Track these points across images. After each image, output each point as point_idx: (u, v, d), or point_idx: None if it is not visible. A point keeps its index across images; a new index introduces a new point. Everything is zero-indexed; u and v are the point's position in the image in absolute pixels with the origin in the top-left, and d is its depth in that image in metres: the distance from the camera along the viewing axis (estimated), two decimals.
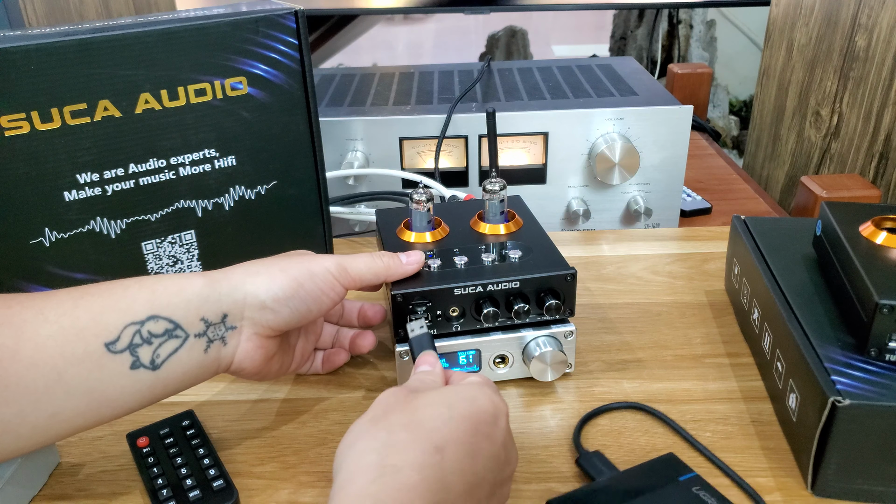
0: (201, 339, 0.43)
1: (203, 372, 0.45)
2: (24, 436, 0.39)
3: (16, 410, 0.39)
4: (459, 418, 0.37)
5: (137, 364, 0.41)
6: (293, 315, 0.46)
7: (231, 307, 0.44)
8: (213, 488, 0.45)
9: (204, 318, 0.43)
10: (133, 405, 0.43)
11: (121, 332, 0.41)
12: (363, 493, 0.33)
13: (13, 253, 0.56)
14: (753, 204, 0.89)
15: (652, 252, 0.74)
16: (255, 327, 0.45)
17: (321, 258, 0.48)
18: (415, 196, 0.57)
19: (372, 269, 0.50)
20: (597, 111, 0.77)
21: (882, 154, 0.79)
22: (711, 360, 0.58)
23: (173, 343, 0.42)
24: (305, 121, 0.65)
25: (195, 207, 0.63)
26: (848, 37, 0.84)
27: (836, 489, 0.44)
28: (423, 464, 0.35)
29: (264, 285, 0.45)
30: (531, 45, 1.90)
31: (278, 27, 0.61)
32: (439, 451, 0.35)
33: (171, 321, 0.42)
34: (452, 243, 0.57)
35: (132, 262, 0.61)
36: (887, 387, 0.43)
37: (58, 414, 0.40)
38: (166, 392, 0.44)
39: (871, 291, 0.45)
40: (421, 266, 0.53)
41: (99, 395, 0.41)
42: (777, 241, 0.60)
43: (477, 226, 0.60)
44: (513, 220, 0.60)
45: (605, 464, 0.47)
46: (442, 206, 0.65)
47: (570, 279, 0.53)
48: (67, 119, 0.55)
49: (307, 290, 0.46)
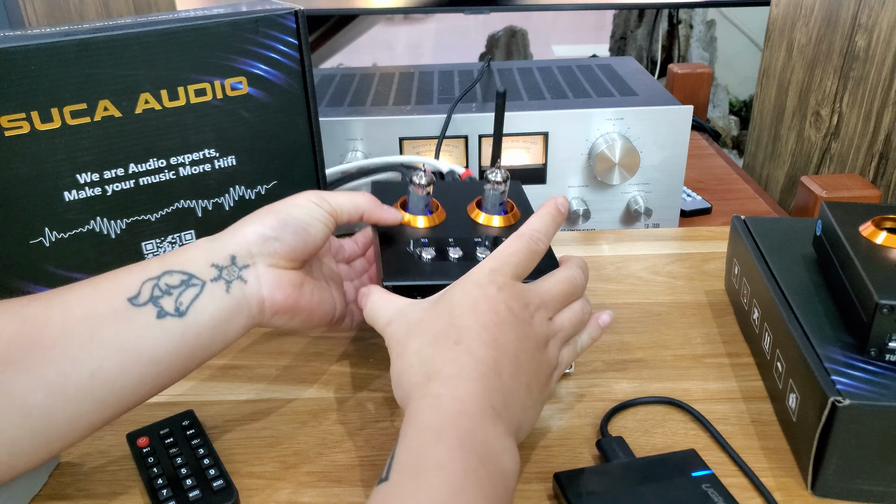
0: (218, 282, 0.45)
1: (235, 315, 0.46)
2: (72, 398, 0.41)
3: (57, 370, 0.40)
4: (470, 306, 0.43)
5: (163, 313, 0.43)
6: (296, 239, 0.48)
7: (236, 249, 0.47)
8: (213, 488, 0.45)
9: (214, 264, 0.46)
10: (172, 359, 0.44)
11: (140, 287, 0.43)
12: (426, 391, 0.40)
13: (13, 253, 0.56)
14: (753, 204, 0.89)
15: (652, 252, 0.74)
16: (267, 258, 0.47)
17: (301, 193, 0.51)
18: (415, 178, 0.55)
19: (353, 201, 0.52)
20: (597, 111, 0.77)
21: (882, 154, 0.79)
22: (711, 360, 0.58)
23: (193, 290, 0.44)
24: (305, 121, 0.65)
25: (195, 207, 0.63)
26: (848, 37, 0.84)
27: (836, 489, 0.44)
28: (455, 357, 0.41)
29: (256, 223, 0.48)
30: (531, 45, 1.90)
31: (278, 27, 0.61)
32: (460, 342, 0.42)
33: (184, 272, 0.45)
34: (448, 232, 0.56)
35: (132, 262, 0.61)
36: (887, 387, 0.43)
37: (98, 371, 0.41)
38: (200, 341, 0.44)
39: (871, 291, 0.45)
40: (398, 221, 0.55)
41: (133, 348, 0.42)
42: (777, 241, 0.60)
43: (474, 213, 0.58)
44: (511, 212, 0.58)
45: (624, 449, 0.47)
46: (440, 187, 0.63)
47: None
48: (67, 119, 0.55)
49: (296, 217, 0.49)
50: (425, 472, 0.36)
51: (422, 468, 0.36)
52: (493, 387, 0.40)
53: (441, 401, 0.39)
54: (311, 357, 0.59)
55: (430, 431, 0.38)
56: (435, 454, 0.36)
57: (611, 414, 0.51)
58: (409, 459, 0.37)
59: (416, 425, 0.39)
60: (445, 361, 0.41)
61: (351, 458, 0.49)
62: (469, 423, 0.38)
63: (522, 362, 0.43)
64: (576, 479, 0.45)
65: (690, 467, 0.45)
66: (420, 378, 0.41)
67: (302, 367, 0.58)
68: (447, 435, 0.37)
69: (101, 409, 0.42)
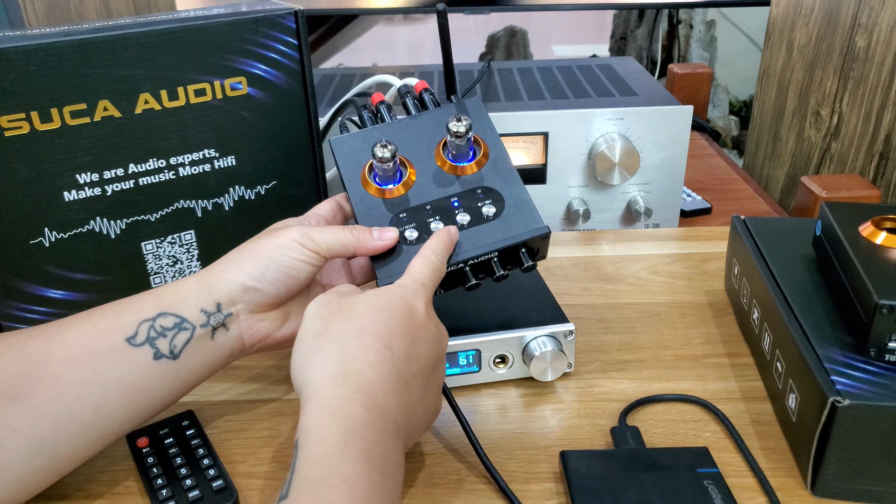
0: (206, 328, 0.47)
1: (219, 357, 0.48)
2: (76, 433, 0.42)
3: (62, 406, 0.42)
4: (397, 316, 0.43)
5: (159, 354, 0.45)
6: (276, 286, 0.48)
7: (220, 296, 0.47)
8: (213, 488, 0.45)
9: (203, 310, 0.47)
10: (165, 394, 0.46)
11: (137, 327, 0.45)
12: (333, 395, 0.39)
13: (13, 253, 0.56)
14: (753, 204, 0.89)
15: (652, 252, 0.74)
16: (249, 307, 0.48)
17: (287, 230, 0.50)
18: (378, 153, 0.52)
19: (340, 240, 0.50)
20: (597, 111, 0.77)
21: (882, 154, 0.79)
22: (711, 360, 0.58)
23: (185, 334, 0.46)
24: (305, 121, 0.65)
25: (195, 207, 0.63)
26: (848, 37, 0.84)
27: (836, 489, 0.44)
28: (378, 361, 0.41)
29: (239, 270, 0.48)
30: (531, 45, 1.90)
31: (278, 27, 0.61)
32: (388, 347, 0.41)
33: (177, 315, 0.46)
34: (423, 194, 0.54)
35: (132, 262, 0.62)
36: (887, 387, 0.43)
37: (100, 407, 0.43)
38: (190, 379, 0.47)
39: (871, 291, 0.45)
40: (394, 243, 0.51)
41: (133, 385, 0.44)
42: (777, 241, 0.60)
43: (442, 162, 0.55)
44: (481, 150, 0.55)
45: (637, 439, 0.48)
46: (397, 127, 0.58)
47: (545, 238, 0.52)
48: (67, 119, 0.55)
49: (278, 263, 0.48)
50: (328, 487, 0.34)
51: (324, 483, 0.35)
52: (403, 401, 0.41)
53: (352, 406, 0.38)
54: None
55: (335, 440, 0.36)
56: (338, 467, 0.35)
57: (632, 406, 0.52)
58: (310, 472, 0.35)
59: (319, 429, 0.37)
60: (370, 363, 0.40)
61: None
62: (374, 434, 0.38)
63: (431, 383, 0.44)
64: (579, 459, 0.46)
65: (698, 464, 0.45)
66: (336, 370, 0.40)
67: None
68: (352, 445, 0.36)
69: (101, 441, 0.44)
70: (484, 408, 0.53)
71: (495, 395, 0.54)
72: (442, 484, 0.47)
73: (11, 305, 0.57)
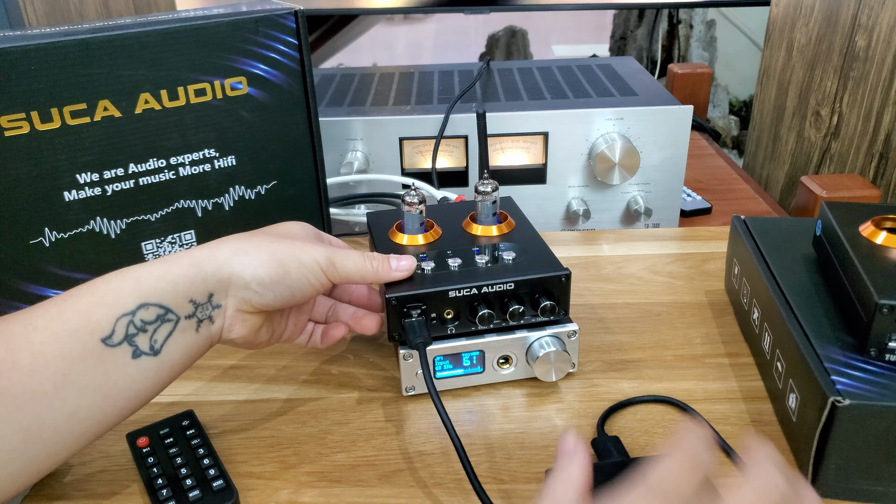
0: (191, 319, 0.44)
1: (199, 349, 0.46)
2: (49, 440, 0.40)
3: (31, 416, 0.39)
4: None
5: (139, 353, 0.42)
6: (276, 299, 0.47)
7: (216, 286, 0.45)
8: (213, 488, 0.45)
9: (192, 300, 0.44)
10: (145, 392, 0.43)
11: (114, 325, 0.41)
12: None
13: (13, 253, 0.56)
14: (753, 204, 0.89)
15: (652, 252, 0.74)
16: (238, 304, 0.46)
17: (312, 248, 0.48)
18: (406, 198, 0.57)
19: (360, 270, 0.50)
20: (597, 111, 0.77)
21: (882, 154, 0.79)
22: (711, 360, 0.58)
23: (167, 327, 0.43)
24: (305, 121, 0.65)
25: (195, 207, 0.63)
26: (848, 37, 0.84)
27: (836, 489, 0.44)
28: None
29: (251, 267, 0.46)
30: (531, 45, 1.90)
31: (278, 27, 0.61)
32: None
33: (161, 306, 0.43)
34: (445, 245, 0.57)
35: (132, 263, 0.61)
36: (887, 387, 0.43)
37: (75, 412, 0.40)
38: (173, 374, 0.45)
39: (871, 291, 0.45)
40: (411, 272, 0.52)
41: (110, 388, 0.41)
42: (777, 241, 0.60)
43: (469, 227, 0.59)
44: (505, 221, 0.60)
45: (619, 449, 0.47)
46: (434, 209, 0.64)
47: (565, 280, 0.53)
48: (67, 119, 0.55)
49: (293, 278, 0.47)
50: None
51: None
52: None
53: None
54: (310, 357, 0.59)
55: None
56: None
57: (608, 413, 0.51)
58: None
59: None
60: None
61: (351, 458, 0.49)
62: None
63: None
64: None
65: None
66: None
67: (302, 367, 0.58)
68: None
69: (80, 442, 0.42)
70: (485, 408, 0.53)
71: (496, 396, 0.54)
72: (442, 484, 0.47)
73: (11, 305, 0.57)
